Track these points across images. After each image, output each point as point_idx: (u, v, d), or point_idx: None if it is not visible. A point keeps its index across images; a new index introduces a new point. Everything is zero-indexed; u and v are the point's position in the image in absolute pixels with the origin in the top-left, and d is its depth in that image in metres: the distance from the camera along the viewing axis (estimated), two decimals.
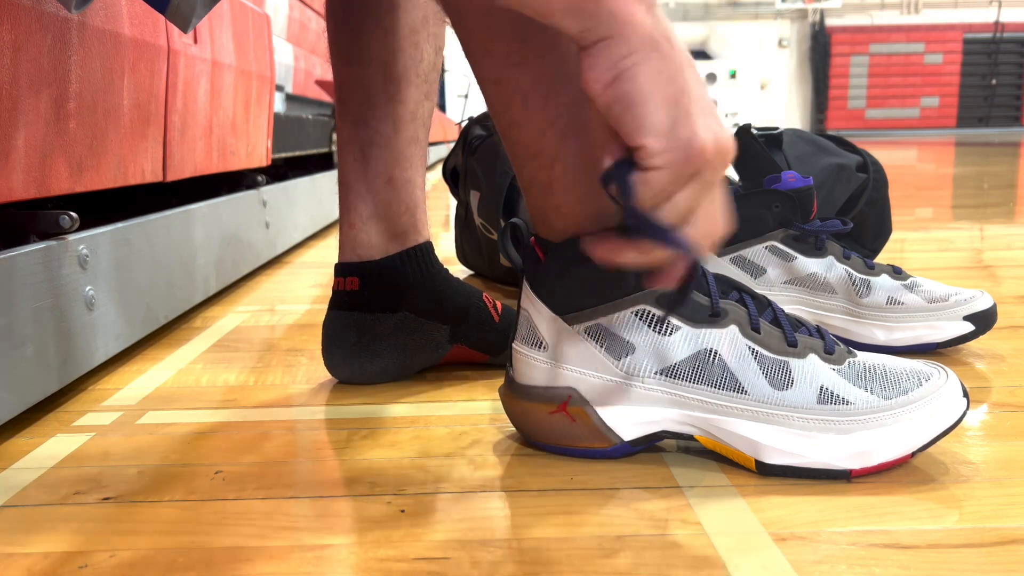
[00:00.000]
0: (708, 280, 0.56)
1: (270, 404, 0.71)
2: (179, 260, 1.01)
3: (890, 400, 0.53)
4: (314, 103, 2.59)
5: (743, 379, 0.54)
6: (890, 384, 0.54)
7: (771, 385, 0.54)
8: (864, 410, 0.53)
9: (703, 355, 0.54)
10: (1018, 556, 0.44)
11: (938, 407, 0.54)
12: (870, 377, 0.55)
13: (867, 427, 0.53)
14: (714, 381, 0.54)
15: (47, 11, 0.68)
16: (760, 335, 0.55)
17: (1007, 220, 1.93)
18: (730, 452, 0.55)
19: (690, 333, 0.55)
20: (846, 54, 12.31)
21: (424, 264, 0.76)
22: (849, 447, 0.52)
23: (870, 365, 0.56)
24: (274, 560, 0.45)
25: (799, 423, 0.53)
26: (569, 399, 0.56)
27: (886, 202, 1.12)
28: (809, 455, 0.53)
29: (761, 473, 0.53)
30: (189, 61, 1.03)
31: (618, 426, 0.56)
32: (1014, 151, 5.82)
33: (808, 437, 0.53)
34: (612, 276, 0.54)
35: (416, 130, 0.76)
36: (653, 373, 0.55)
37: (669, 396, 0.55)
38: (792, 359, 0.55)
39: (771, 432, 0.53)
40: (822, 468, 0.53)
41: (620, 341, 0.55)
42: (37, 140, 0.68)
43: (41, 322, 0.67)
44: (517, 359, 0.59)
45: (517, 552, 0.45)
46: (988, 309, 0.80)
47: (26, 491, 0.54)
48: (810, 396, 0.53)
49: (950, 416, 0.54)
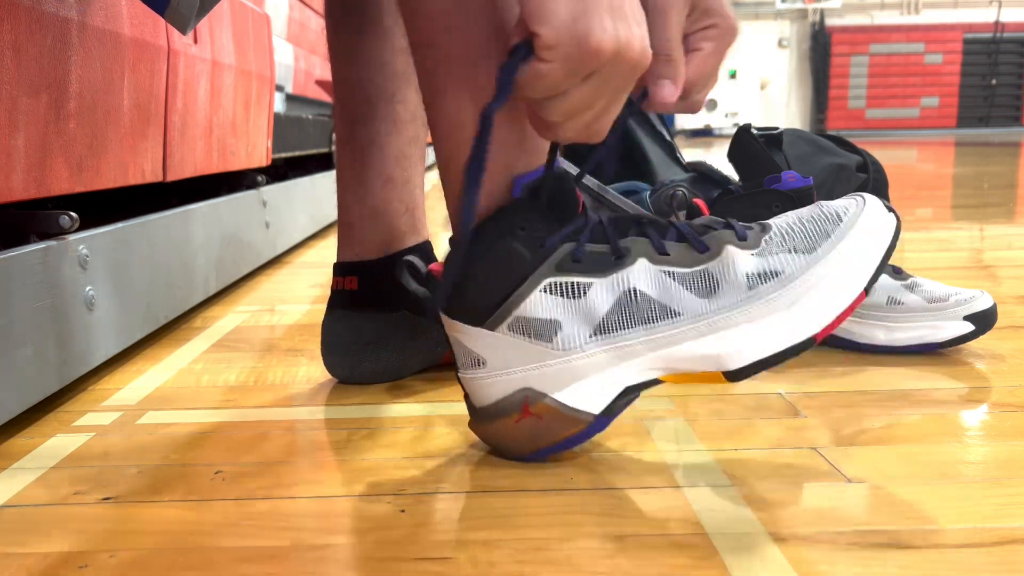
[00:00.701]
0: (604, 226, 0.54)
1: (270, 404, 0.71)
2: (179, 260, 1.01)
3: (816, 251, 0.52)
4: (314, 103, 2.59)
5: (671, 303, 0.53)
6: (809, 236, 0.53)
7: (699, 297, 0.52)
8: (795, 273, 0.52)
9: (624, 298, 0.53)
10: (1018, 556, 0.44)
11: (864, 233, 0.52)
12: (790, 239, 0.53)
13: (807, 287, 0.51)
14: (645, 317, 0.53)
15: (47, 11, 0.68)
16: (670, 256, 0.54)
17: (1007, 220, 1.92)
18: (697, 377, 0.53)
19: (604, 284, 0.53)
20: (846, 54, 12.30)
21: (423, 263, 0.76)
22: (800, 316, 0.51)
23: (785, 229, 0.54)
24: (274, 560, 0.45)
25: (742, 318, 0.52)
26: (527, 400, 0.54)
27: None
28: (767, 343, 0.51)
29: (733, 381, 0.52)
30: (189, 61, 1.03)
31: (583, 403, 0.54)
32: (1014, 151, 5.82)
33: (757, 327, 0.52)
34: (508, 263, 0.52)
35: (416, 130, 0.76)
36: (588, 337, 0.53)
37: (613, 353, 0.53)
38: (708, 264, 0.53)
39: (721, 340, 0.52)
40: (787, 348, 0.51)
41: (543, 323, 0.53)
42: (37, 140, 0.68)
43: (41, 322, 0.67)
44: (467, 386, 0.57)
45: (517, 552, 0.45)
46: (988, 309, 0.80)
47: (26, 491, 0.54)
48: (740, 289, 0.52)
49: (882, 236, 0.53)
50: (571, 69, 0.44)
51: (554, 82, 0.45)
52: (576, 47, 0.43)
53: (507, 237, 0.53)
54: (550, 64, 0.44)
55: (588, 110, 0.48)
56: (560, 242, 0.53)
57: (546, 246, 0.53)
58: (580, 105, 0.47)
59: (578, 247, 0.53)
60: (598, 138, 0.51)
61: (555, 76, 0.44)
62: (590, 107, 0.47)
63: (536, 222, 0.53)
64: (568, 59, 0.43)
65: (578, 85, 0.45)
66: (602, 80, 0.46)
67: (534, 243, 0.53)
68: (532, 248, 0.53)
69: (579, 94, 0.46)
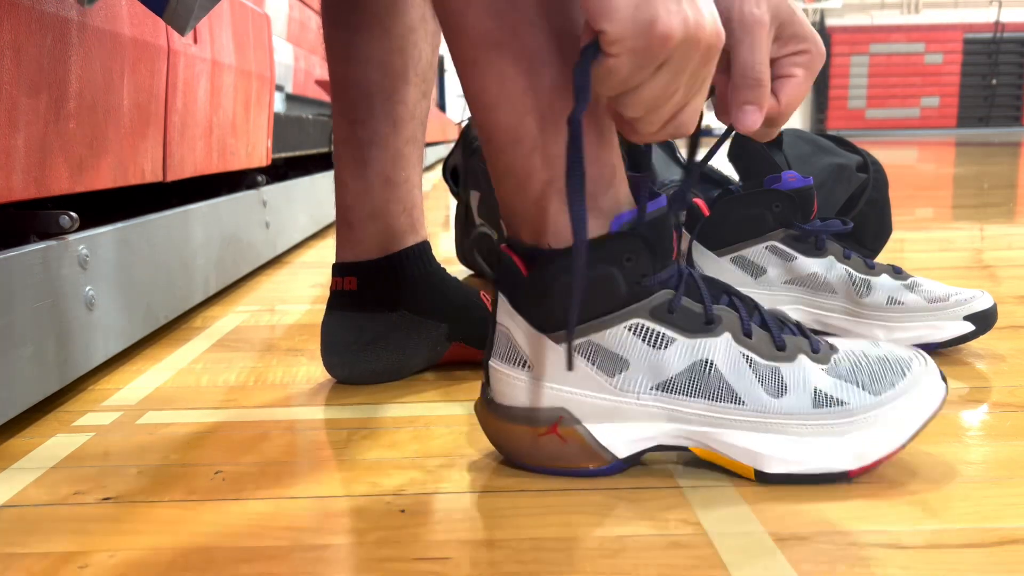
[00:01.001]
0: (700, 285, 0.54)
1: (270, 404, 0.71)
2: (179, 260, 1.01)
3: (880, 396, 0.53)
4: (314, 103, 2.59)
5: (739, 389, 0.52)
6: (877, 378, 0.53)
7: (767, 393, 0.52)
8: (859, 410, 0.52)
9: (699, 367, 0.52)
10: (1018, 556, 0.44)
11: (921, 395, 0.53)
12: (858, 372, 0.54)
13: (862, 426, 0.52)
14: (711, 393, 0.52)
15: (47, 11, 0.68)
16: (752, 340, 0.53)
17: (1007, 220, 1.92)
18: (727, 462, 0.53)
19: (685, 344, 0.52)
20: (846, 54, 12.30)
21: (422, 263, 0.76)
22: (846, 448, 0.52)
23: (854, 360, 0.55)
24: (274, 560, 0.45)
25: (797, 430, 0.52)
26: (560, 420, 0.53)
27: (886, 202, 1.12)
28: (808, 461, 0.52)
29: (760, 482, 0.53)
30: (189, 61, 1.03)
31: (612, 444, 0.53)
32: (1014, 151, 5.82)
33: (806, 443, 0.52)
34: (603, 289, 0.51)
35: (414, 130, 0.76)
36: (649, 389, 0.52)
37: (666, 411, 0.53)
38: (783, 364, 0.53)
39: (769, 441, 0.52)
40: (822, 473, 0.52)
41: (613, 357, 0.52)
42: (37, 140, 0.68)
43: (41, 322, 0.67)
44: (496, 378, 0.55)
45: (517, 552, 0.45)
46: (988, 309, 0.80)
47: (26, 491, 0.54)
48: (806, 401, 0.52)
49: (932, 403, 0.53)
50: (641, 61, 0.42)
51: (626, 76, 0.43)
52: (643, 37, 0.41)
53: (611, 264, 0.51)
54: (618, 59, 0.42)
55: (668, 101, 0.46)
56: (658, 287, 0.52)
57: (645, 285, 0.52)
58: (658, 97, 0.45)
59: (675, 298, 0.53)
60: (687, 131, 0.49)
61: (625, 70, 0.42)
62: (669, 98, 0.45)
63: (640, 258, 0.52)
64: (636, 51, 0.42)
65: (652, 76, 0.44)
66: (676, 68, 0.44)
67: (634, 279, 0.52)
68: (631, 283, 0.52)
69: (654, 85, 0.44)
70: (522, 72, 0.49)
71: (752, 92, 0.54)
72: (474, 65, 0.51)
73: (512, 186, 0.53)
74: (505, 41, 0.49)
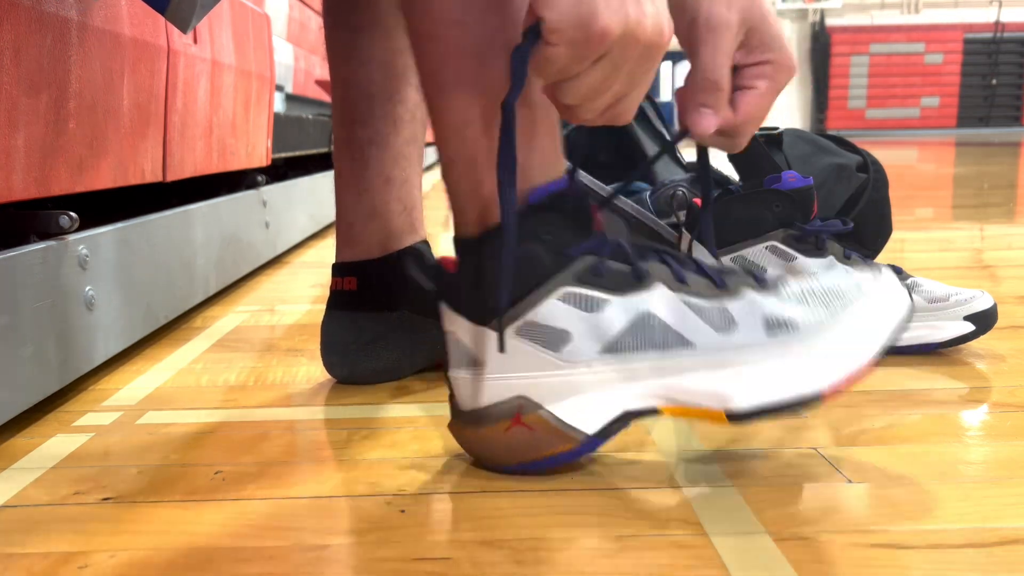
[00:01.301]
0: (624, 246, 0.53)
1: (270, 404, 0.71)
2: (179, 260, 1.01)
3: (835, 311, 0.51)
4: (314, 103, 2.59)
5: (686, 332, 0.51)
6: (830, 297, 0.52)
7: (716, 330, 0.51)
8: (814, 327, 0.51)
9: (640, 320, 0.51)
10: (1018, 556, 0.44)
11: (881, 304, 0.52)
12: (808, 294, 0.52)
13: (824, 345, 0.50)
14: (658, 343, 0.51)
15: (47, 11, 0.68)
16: (688, 285, 0.52)
17: (1007, 220, 1.92)
18: (697, 412, 0.52)
19: (620, 303, 0.52)
20: (846, 54, 12.30)
21: (422, 263, 0.76)
22: (812, 369, 0.50)
23: (804, 284, 0.54)
24: (274, 560, 0.45)
25: (755, 358, 0.51)
26: (521, 408, 0.53)
27: (886, 202, 1.12)
28: (776, 390, 0.50)
29: (734, 422, 0.51)
30: (189, 61, 1.03)
31: (579, 421, 0.52)
32: (1014, 151, 5.82)
33: (768, 371, 0.50)
34: (525, 265, 0.51)
35: (415, 130, 0.76)
36: (597, 354, 0.52)
37: (620, 373, 0.52)
38: (727, 300, 0.52)
39: (730, 377, 0.51)
40: (793, 399, 0.51)
41: (554, 331, 0.52)
42: (37, 140, 0.68)
43: (41, 322, 0.67)
44: (457, 386, 0.55)
45: (517, 552, 0.45)
46: (988, 309, 0.80)
47: (26, 491, 0.54)
48: (758, 330, 0.51)
49: (896, 311, 0.52)
50: (578, 53, 0.43)
51: (563, 66, 0.43)
52: (581, 29, 0.42)
53: (530, 240, 0.51)
54: (557, 48, 0.43)
55: (605, 93, 0.46)
56: (582, 254, 0.52)
57: (567, 255, 0.52)
58: (595, 88, 0.45)
59: (600, 262, 0.52)
60: (622, 121, 0.49)
61: (563, 60, 0.43)
62: (607, 90, 0.46)
63: (560, 230, 0.52)
64: (574, 43, 0.42)
65: (590, 68, 0.44)
66: (614, 62, 0.44)
67: (556, 250, 0.52)
68: (553, 255, 0.52)
69: (592, 77, 0.44)
70: (478, 53, 0.50)
71: (709, 95, 0.53)
72: (432, 41, 0.51)
73: (460, 172, 0.53)
74: (467, 20, 0.49)
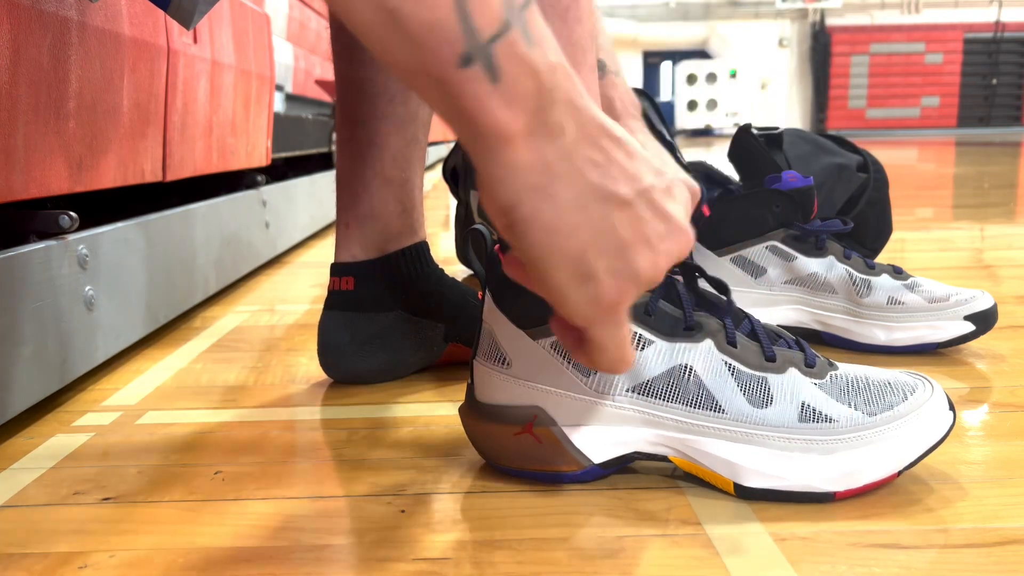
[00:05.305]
0: (680, 292, 0.53)
1: (270, 404, 0.71)
2: (179, 260, 1.01)
3: (875, 416, 0.51)
4: (314, 103, 2.59)
5: (720, 397, 0.51)
6: (874, 399, 0.52)
7: (749, 403, 0.51)
8: (848, 428, 0.50)
9: (677, 371, 0.51)
10: (1018, 556, 0.44)
11: (924, 422, 0.51)
12: (853, 391, 0.52)
13: (851, 446, 0.50)
14: (689, 399, 0.51)
15: (47, 11, 0.68)
16: (737, 349, 0.52)
17: (1007, 220, 1.92)
18: (707, 474, 0.52)
19: (664, 348, 0.51)
20: (846, 54, 12.30)
21: (419, 263, 0.76)
22: (833, 468, 0.50)
23: (852, 378, 0.53)
24: (274, 560, 0.45)
25: (779, 443, 0.50)
26: (535, 419, 0.52)
27: (887, 202, 1.12)
28: (790, 477, 0.50)
29: (740, 496, 0.51)
30: (189, 61, 1.03)
31: (588, 448, 0.52)
32: (1014, 151, 5.82)
33: (789, 458, 0.50)
34: None
35: (416, 131, 0.76)
36: (625, 391, 0.51)
37: (642, 415, 0.52)
38: (771, 374, 0.51)
39: (750, 453, 0.50)
40: (804, 491, 0.50)
41: None
42: (37, 140, 0.68)
43: (41, 322, 0.67)
44: (479, 376, 0.55)
45: (517, 552, 0.45)
46: (988, 309, 0.80)
47: (26, 491, 0.54)
48: (791, 414, 0.51)
49: (937, 431, 0.51)
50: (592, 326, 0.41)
51: None
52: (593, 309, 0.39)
53: None
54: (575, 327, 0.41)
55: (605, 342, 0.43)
56: None
57: None
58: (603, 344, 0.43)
59: (653, 300, 0.52)
60: None
61: None
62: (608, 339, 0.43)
63: None
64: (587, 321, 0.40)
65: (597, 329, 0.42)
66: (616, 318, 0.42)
67: None
68: None
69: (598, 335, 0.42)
70: None
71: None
72: None
73: None
74: None
